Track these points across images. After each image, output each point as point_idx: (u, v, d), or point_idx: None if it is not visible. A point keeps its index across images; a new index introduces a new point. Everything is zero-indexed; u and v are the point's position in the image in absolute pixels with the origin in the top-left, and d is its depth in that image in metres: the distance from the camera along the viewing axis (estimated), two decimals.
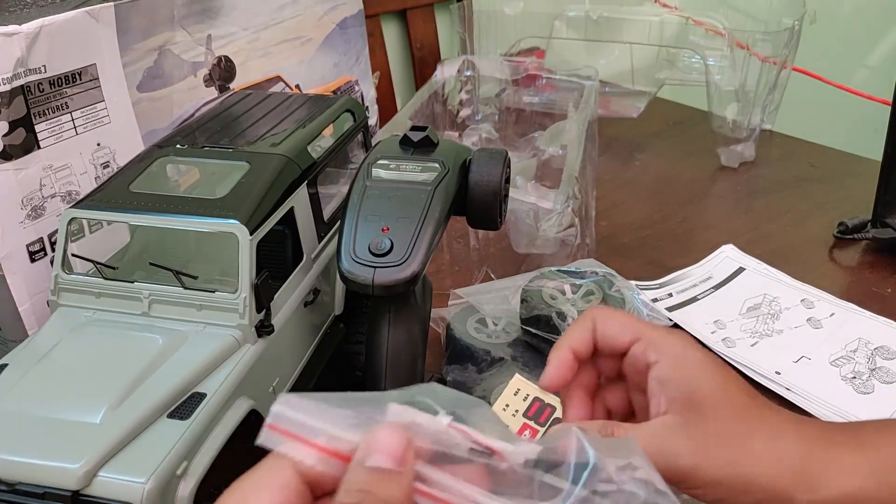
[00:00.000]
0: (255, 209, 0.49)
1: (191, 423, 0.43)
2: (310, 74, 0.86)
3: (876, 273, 0.82)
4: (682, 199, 0.98)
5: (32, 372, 0.45)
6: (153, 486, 0.39)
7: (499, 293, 0.69)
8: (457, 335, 0.66)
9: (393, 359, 0.53)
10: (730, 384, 0.41)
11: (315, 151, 0.58)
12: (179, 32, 0.72)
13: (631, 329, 0.43)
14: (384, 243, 0.50)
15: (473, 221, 0.58)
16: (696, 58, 1.10)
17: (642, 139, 1.15)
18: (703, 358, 0.42)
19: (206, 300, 0.49)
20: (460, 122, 1.00)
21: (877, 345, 0.70)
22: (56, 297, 0.51)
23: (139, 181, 0.53)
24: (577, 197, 0.73)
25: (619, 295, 0.65)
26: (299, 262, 0.55)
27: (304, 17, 0.84)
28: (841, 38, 1.56)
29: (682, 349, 0.42)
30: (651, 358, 0.41)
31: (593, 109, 0.85)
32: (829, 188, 0.99)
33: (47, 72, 0.60)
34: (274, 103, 0.64)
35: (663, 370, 0.41)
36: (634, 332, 0.42)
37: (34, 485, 0.39)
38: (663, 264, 0.83)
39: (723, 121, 1.06)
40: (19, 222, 0.59)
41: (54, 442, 0.41)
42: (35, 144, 0.60)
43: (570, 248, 0.74)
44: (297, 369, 0.56)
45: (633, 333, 0.42)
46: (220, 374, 0.46)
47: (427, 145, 0.56)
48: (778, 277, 0.80)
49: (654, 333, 0.42)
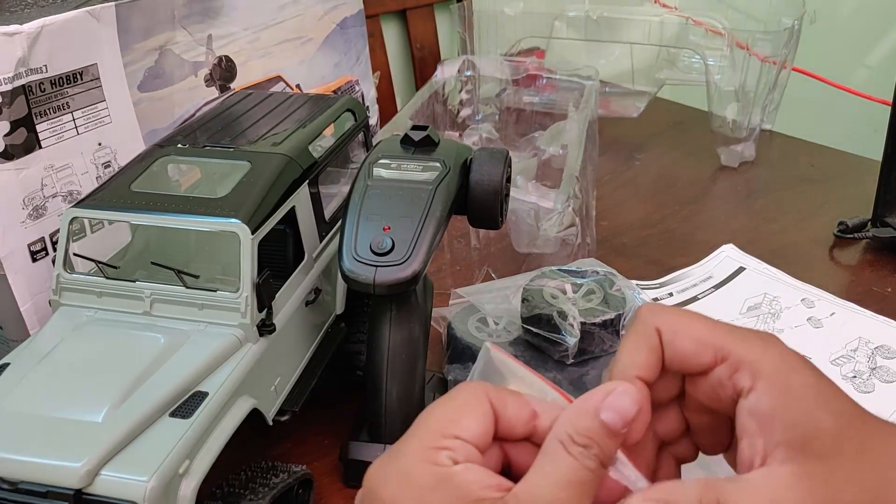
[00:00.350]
0: (256, 208, 0.50)
1: (193, 421, 0.43)
2: (310, 74, 0.86)
3: (876, 272, 0.82)
4: (682, 199, 0.98)
5: (34, 371, 0.45)
6: (155, 484, 0.39)
7: (500, 292, 0.69)
8: (458, 334, 0.66)
9: (394, 358, 0.53)
10: (849, 415, 0.32)
11: (316, 151, 0.58)
12: (180, 32, 0.72)
13: (713, 344, 0.33)
14: (385, 242, 0.50)
15: (474, 221, 0.58)
16: (696, 58, 1.10)
17: (642, 139, 1.15)
18: (815, 382, 0.32)
19: (207, 299, 0.49)
20: (460, 122, 1.00)
21: (877, 344, 0.70)
22: (58, 296, 0.51)
23: (140, 181, 0.53)
24: (578, 197, 0.73)
25: (620, 294, 0.65)
26: (300, 261, 0.56)
27: (304, 17, 0.84)
28: (841, 38, 1.56)
29: (786, 371, 0.32)
30: (743, 384, 0.32)
31: (593, 109, 0.85)
32: (829, 188, 0.99)
33: (48, 71, 0.60)
34: (275, 103, 0.64)
35: (763, 402, 0.31)
36: (717, 349, 0.33)
37: (37, 483, 0.39)
38: (664, 264, 0.83)
39: (723, 121, 1.06)
40: (21, 222, 0.59)
41: (56, 441, 0.41)
42: (36, 144, 0.60)
43: (571, 247, 0.74)
44: (298, 368, 0.56)
45: (715, 351, 0.33)
46: (221, 373, 0.46)
47: (428, 145, 0.56)
48: (778, 277, 0.80)
49: (743, 349, 0.33)
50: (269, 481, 0.47)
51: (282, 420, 0.52)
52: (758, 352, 0.32)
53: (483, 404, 0.33)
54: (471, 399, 0.33)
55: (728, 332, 0.33)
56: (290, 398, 0.54)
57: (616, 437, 0.31)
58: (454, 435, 0.32)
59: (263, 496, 0.46)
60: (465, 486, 0.31)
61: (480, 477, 0.31)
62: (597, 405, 0.32)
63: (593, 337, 0.63)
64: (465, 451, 0.32)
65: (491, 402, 0.33)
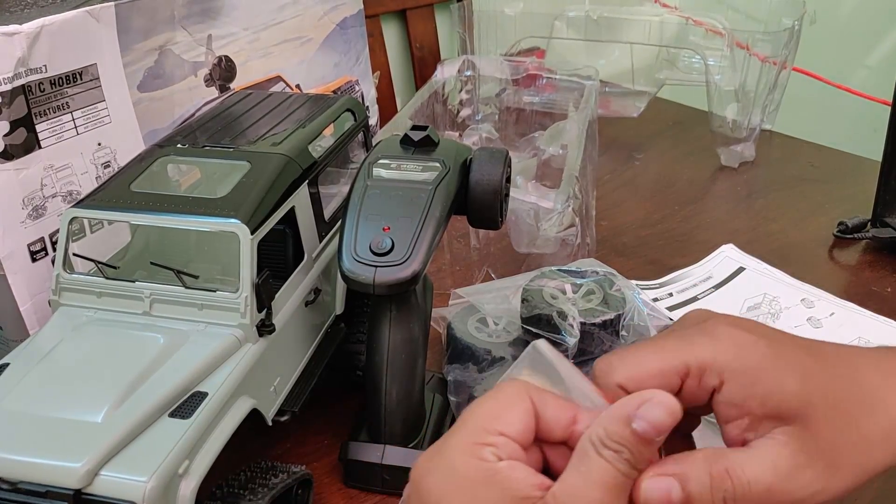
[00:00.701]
0: (255, 208, 0.49)
1: (192, 422, 0.43)
2: (310, 74, 0.86)
3: (876, 272, 0.82)
4: (682, 199, 0.98)
5: (34, 371, 0.45)
6: (155, 484, 0.39)
7: (499, 293, 0.69)
8: (457, 334, 0.66)
9: (393, 358, 0.53)
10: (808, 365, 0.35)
11: (316, 151, 0.58)
12: (180, 32, 0.72)
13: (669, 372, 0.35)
14: (385, 242, 0.50)
15: (474, 221, 0.58)
16: (696, 58, 1.10)
17: (642, 139, 1.15)
18: (770, 351, 0.35)
19: (207, 299, 0.49)
20: (460, 122, 1.00)
21: (876, 344, 0.70)
22: (57, 296, 0.51)
23: (140, 181, 0.53)
24: (578, 197, 0.73)
25: (620, 294, 0.65)
26: (300, 261, 0.56)
27: (304, 17, 0.84)
28: (840, 38, 1.56)
29: (740, 354, 0.35)
30: (712, 383, 0.35)
31: (593, 109, 0.85)
32: (829, 188, 0.99)
33: (48, 72, 0.60)
34: (274, 103, 0.64)
35: (733, 392, 0.35)
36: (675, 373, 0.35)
37: (36, 484, 0.39)
38: (663, 264, 0.83)
39: (723, 121, 1.06)
40: (20, 222, 0.59)
41: (56, 441, 0.41)
42: (36, 144, 0.60)
43: (571, 247, 0.74)
44: (297, 368, 0.56)
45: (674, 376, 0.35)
46: (221, 374, 0.46)
47: (428, 145, 0.56)
48: (778, 277, 0.80)
49: (696, 354, 0.35)
50: (268, 481, 0.47)
51: (281, 420, 0.52)
52: (709, 351, 0.35)
53: (525, 402, 0.34)
54: (513, 397, 0.34)
55: (676, 349, 0.36)
56: (289, 398, 0.54)
57: (650, 445, 0.32)
58: (498, 431, 0.33)
59: (263, 496, 0.46)
60: (510, 483, 0.32)
61: (525, 475, 0.32)
62: (630, 413, 0.32)
63: (593, 337, 0.63)
64: (508, 447, 0.33)
65: (532, 401, 0.34)
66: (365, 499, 0.56)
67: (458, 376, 0.62)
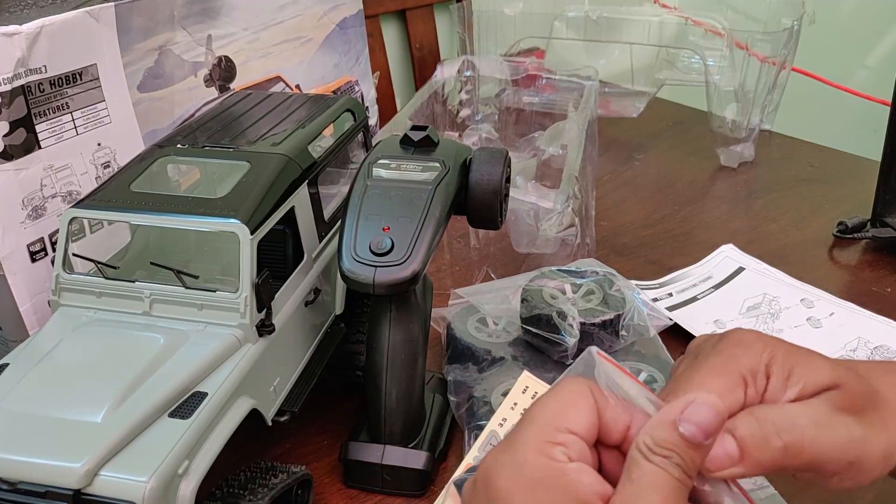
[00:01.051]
0: (255, 209, 0.49)
1: (192, 422, 0.43)
2: (310, 74, 0.86)
3: (875, 272, 0.82)
4: (682, 199, 0.98)
5: (33, 372, 0.45)
6: (154, 484, 0.39)
7: (499, 293, 0.69)
8: (457, 335, 0.66)
9: (393, 358, 0.53)
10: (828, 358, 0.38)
11: (315, 151, 0.58)
12: (180, 32, 0.72)
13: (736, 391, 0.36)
14: (385, 243, 0.50)
15: (474, 221, 0.58)
16: (695, 58, 1.10)
17: (642, 139, 1.15)
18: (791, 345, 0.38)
19: (207, 300, 0.49)
20: (460, 122, 1.00)
21: (876, 344, 0.70)
22: (57, 296, 0.51)
23: (140, 181, 0.53)
24: (578, 197, 0.73)
25: (620, 294, 0.65)
26: (300, 261, 0.56)
27: (304, 17, 0.84)
28: (840, 39, 1.56)
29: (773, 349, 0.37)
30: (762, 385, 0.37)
31: (593, 109, 0.85)
32: (828, 188, 0.99)
33: (48, 72, 0.60)
34: (274, 103, 0.64)
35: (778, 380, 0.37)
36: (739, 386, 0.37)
37: (36, 484, 0.39)
38: (663, 264, 0.83)
39: (722, 121, 1.06)
40: (20, 222, 0.59)
41: (56, 441, 0.41)
42: (35, 144, 0.60)
43: (571, 247, 0.74)
44: (297, 369, 0.56)
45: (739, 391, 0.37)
46: (221, 374, 0.46)
47: (427, 145, 0.56)
48: (778, 277, 0.80)
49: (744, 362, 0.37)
50: (268, 482, 0.47)
51: (281, 420, 0.52)
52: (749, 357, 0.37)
53: (589, 399, 0.34)
54: (578, 394, 0.34)
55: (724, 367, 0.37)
56: (289, 398, 0.54)
57: (699, 449, 0.32)
58: (567, 428, 0.33)
59: (263, 497, 0.46)
60: (576, 486, 0.32)
61: (590, 480, 0.32)
62: (675, 417, 0.32)
63: (592, 337, 0.63)
64: (577, 447, 0.33)
65: (595, 398, 0.34)
66: (365, 499, 0.56)
67: (457, 376, 0.62)
